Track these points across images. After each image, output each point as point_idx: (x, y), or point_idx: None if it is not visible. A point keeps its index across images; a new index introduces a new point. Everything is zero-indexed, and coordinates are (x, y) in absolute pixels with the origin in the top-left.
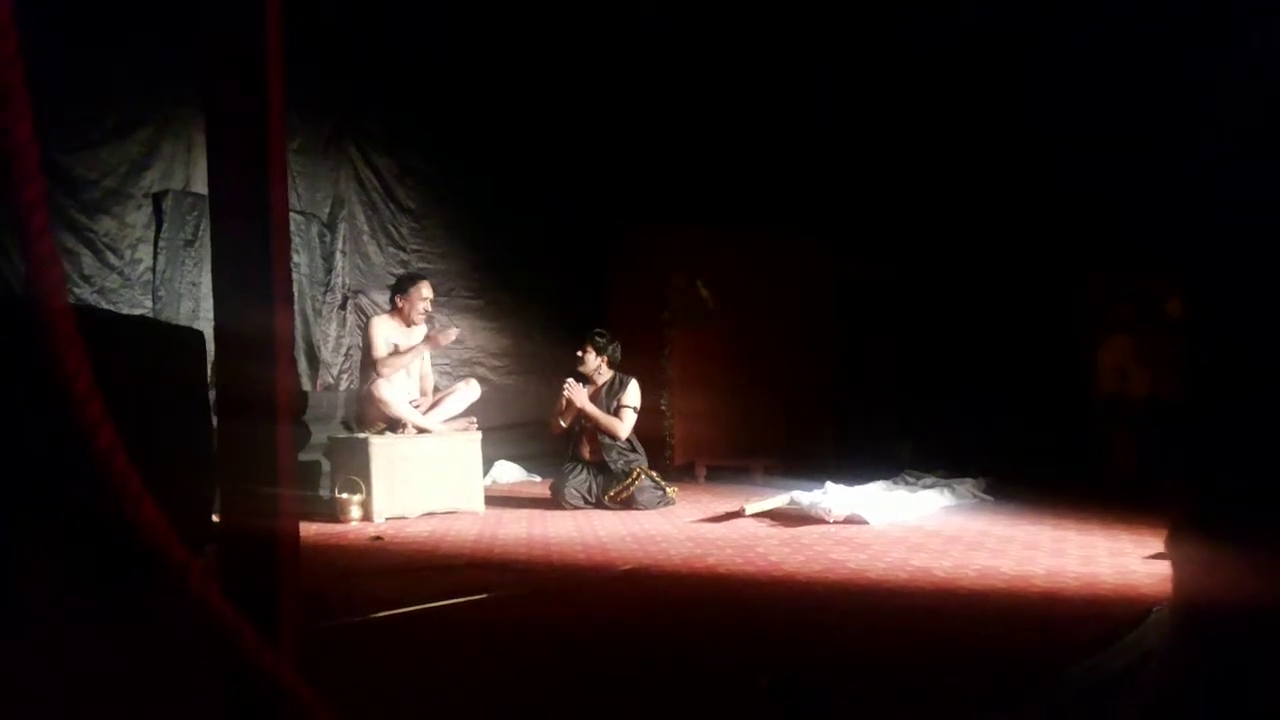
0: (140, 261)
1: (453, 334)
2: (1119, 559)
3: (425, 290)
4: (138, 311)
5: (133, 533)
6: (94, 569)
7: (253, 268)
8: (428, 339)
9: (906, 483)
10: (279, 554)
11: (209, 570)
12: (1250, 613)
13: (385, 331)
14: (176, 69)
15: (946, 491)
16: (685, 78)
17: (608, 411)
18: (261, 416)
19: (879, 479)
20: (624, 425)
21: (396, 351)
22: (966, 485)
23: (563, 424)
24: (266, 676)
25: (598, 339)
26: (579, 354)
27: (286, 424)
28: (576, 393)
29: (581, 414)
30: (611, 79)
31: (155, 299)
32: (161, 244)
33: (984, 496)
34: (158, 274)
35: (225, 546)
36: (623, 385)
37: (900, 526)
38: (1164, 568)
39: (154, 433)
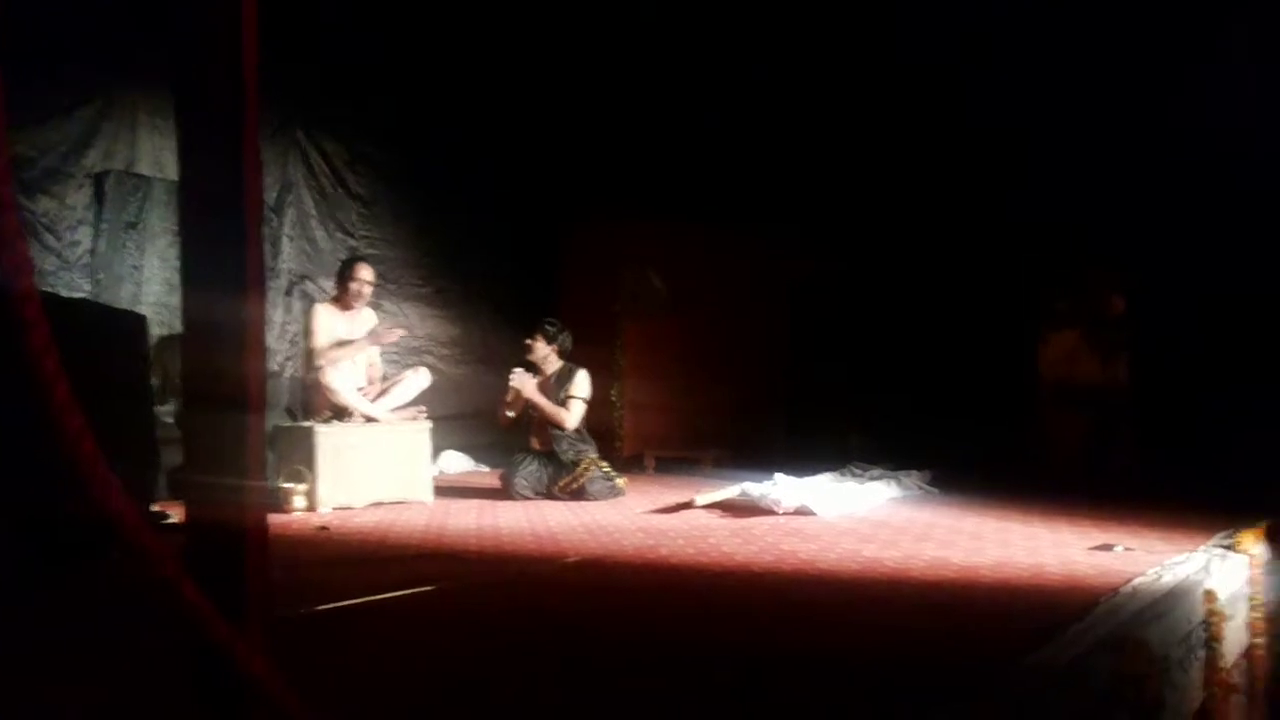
0: (79, 243)
1: (396, 333)
2: (1063, 550)
3: (363, 272)
4: (76, 295)
5: (95, 519)
6: (41, 557)
7: (225, 257)
8: (371, 334)
9: (854, 474)
10: (248, 545)
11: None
12: None
13: (325, 319)
14: (122, 47)
15: (893, 483)
16: (640, 71)
17: (556, 402)
18: (231, 407)
19: (827, 471)
20: (571, 415)
21: (338, 342)
22: (912, 477)
23: (510, 415)
24: (239, 666)
25: (548, 328)
26: (527, 342)
27: (258, 415)
28: (525, 383)
29: (529, 404)
30: (566, 69)
31: (94, 282)
32: (102, 226)
33: (929, 489)
34: (97, 256)
35: (193, 537)
36: (571, 375)
37: (848, 518)
38: (1107, 559)
39: (96, 419)
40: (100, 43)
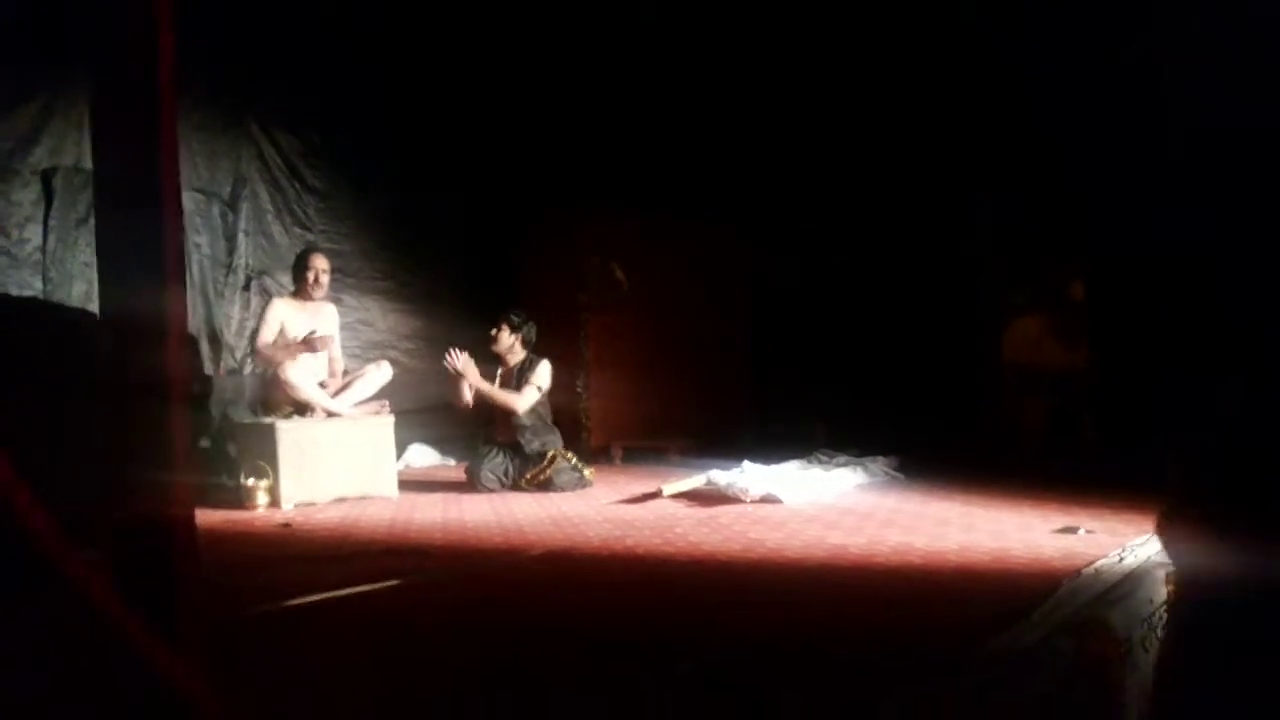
0: (29, 241)
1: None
2: (1027, 534)
3: (317, 261)
4: (26, 294)
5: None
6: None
7: (141, 248)
8: (305, 342)
9: (820, 462)
10: (175, 544)
11: (103, 564)
12: (1241, 591)
13: (279, 314)
14: (67, 39)
15: (859, 470)
16: (603, 60)
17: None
18: (152, 401)
19: (793, 458)
20: (522, 400)
21: (282, 337)
22: (878, 463)
23: (467, 399)
24: (168, 682)
25: (513, 318)
26: (493, 333)
27: (180, 408)
28: (468, 367)
29: (477, 391)
30: (526, 58)
31: (45, 280)
32: (52, 223)
33: (895, 474)
34: (48, 254)
35: (118, 537)
36: (533, 365)
37: (815, 505)
38: (1071, 542)
39: (47, 421)
40: (44, 37)
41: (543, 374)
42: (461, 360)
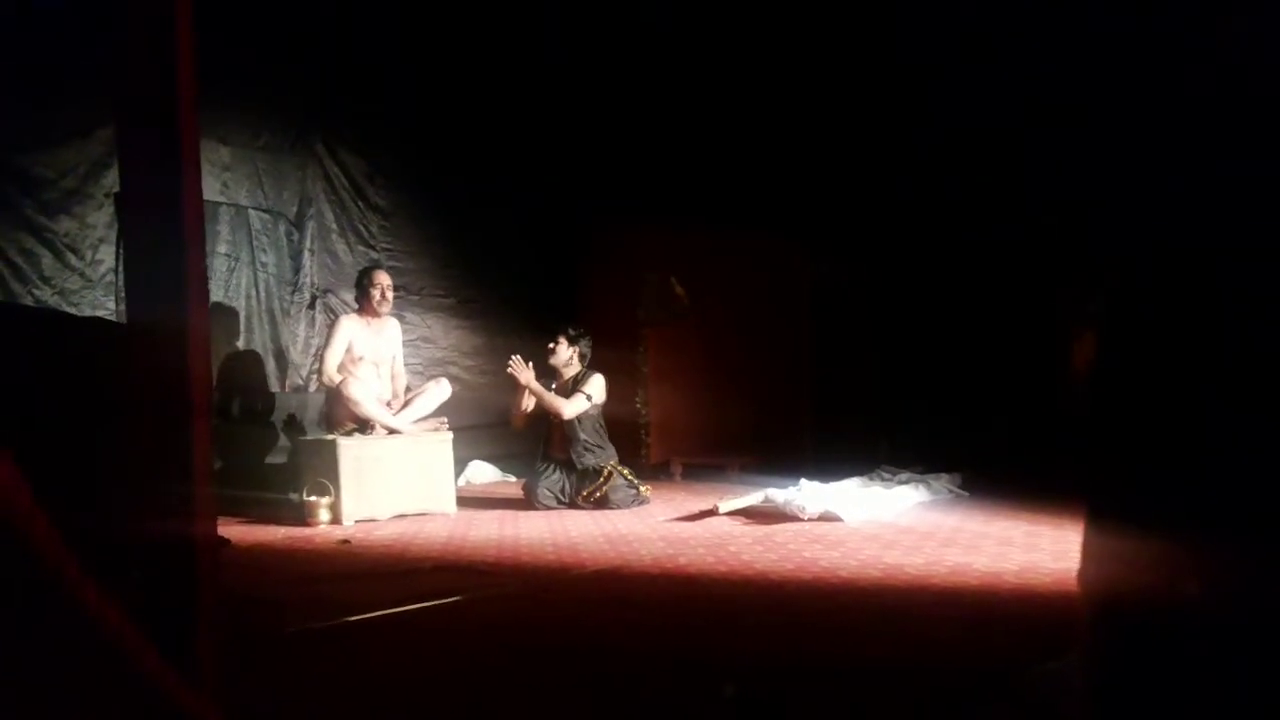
0: (102, 262)
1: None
2: None
3: (380, 278)
4: (100, 313)
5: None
6: None
7: (165, 263)
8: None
9: (882, 479)
10: (196, 559)
11: (118, 579)
12: (1153, 602)
13: (347, 332)
14: None
15: (922, 487)
16: (660, 75)
17: None
18: (175, 414)
19: (854, 475)
20: (570, 405)
21: (349, 355)
22: (942, 480)
23: (523, 410)
24: (170, 701)
25: (570, 331)
26: (550, 346)
27: (202, 421)
28: (522, 371)
29: (528, 391)
30: (584, 75)
31: (118, 300)
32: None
33: (960, 492)
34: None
35: (139, 551)
36: (586, 378)
37: (874, 523)
38: None
39: (87, 437)
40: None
41: (595, 385)
42: (522, 366)
